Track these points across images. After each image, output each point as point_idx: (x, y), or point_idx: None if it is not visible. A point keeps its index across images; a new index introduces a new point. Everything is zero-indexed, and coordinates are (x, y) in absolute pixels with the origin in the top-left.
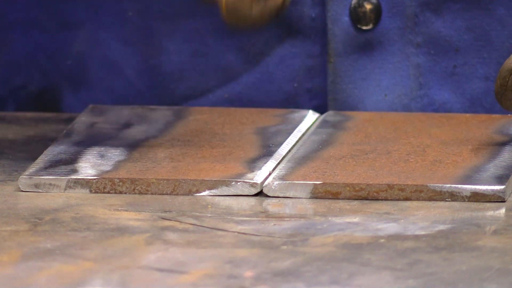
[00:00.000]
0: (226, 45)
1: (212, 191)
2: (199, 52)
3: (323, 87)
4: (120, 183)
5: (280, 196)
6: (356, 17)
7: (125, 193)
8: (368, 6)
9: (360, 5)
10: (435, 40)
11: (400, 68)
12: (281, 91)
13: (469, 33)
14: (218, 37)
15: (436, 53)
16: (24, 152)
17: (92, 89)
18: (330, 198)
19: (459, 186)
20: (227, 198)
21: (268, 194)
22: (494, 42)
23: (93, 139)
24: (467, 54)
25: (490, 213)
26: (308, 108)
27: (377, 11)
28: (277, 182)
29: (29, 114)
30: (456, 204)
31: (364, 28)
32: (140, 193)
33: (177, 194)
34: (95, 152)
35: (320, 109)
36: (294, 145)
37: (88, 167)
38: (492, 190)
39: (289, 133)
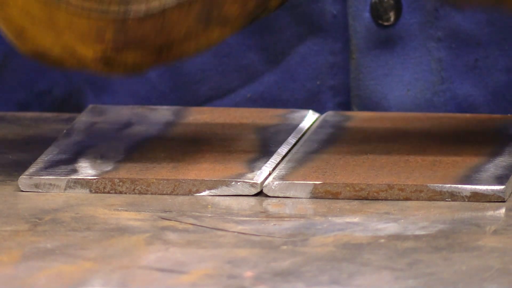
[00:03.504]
0: (247, 45)
1: (212, 191)
2: (221, 52)
3: (346, 83)
4: (120, 183)
5: (280, 196)
6: (377, 12)
7: (125, 193)
8: (388, 2)
9: (380, 0)
10: (456, 34)
11: (421, 63)
12: (304, 89)
13: (490, 26)
14: (240, 37)
15: (457, 47)
16: (24, 152)
17: (115, 92)
18: (330, 198)
19: (459, 186)
20: (227, 198)
21: (268, 194)
22: None
23: (93, 139)
24: (489, 47)
25: (490, 213)
26: (332, 105)
27: (398, 6)
28: (277, 182)
29: (29, 114)
30: (456, 204)
31: (385, 23)
32: (140, 193)
33: (177, 194)
34: (95, 152)
35: (344, 106)
36: (294, 145)
37: (88, 167)
38: (492, 190)
39: (289, 133)
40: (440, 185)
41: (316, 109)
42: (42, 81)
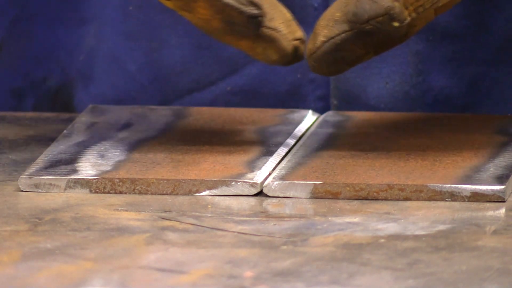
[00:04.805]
0: None
1: (212, 191)
2: (201, 45)
3: (326, 77)
4: (120, 183)
5: (280, 196)
6: None
7: (125, 193)
8: None
9: None
10: (433, 27)
11: (399, 55)
12: (284, 82)
13: (466, 19)
14: None
15: (434, 39)
16: (24, 152)
17: (98, 84)
18: (330, 198)
19: (459, 186)
20: (227, 198)
21: (268, 194)
22: (491, 27)
23: (93, 139)
24: (465, 40)
25: (490, 213)
26: (312, 98)
27: None
28: (277, 182)
29: (29, 114)
30: (456, 204)
31: None
32: (140, 193)
33: (177, 194)
34: (95, 152)
35: (324, 99)
36: (294, 145)
37: (88, 167)
38: (492, 190)
39: (289, 133)
40: (440, 185)
41: (296, 102)
42: (37, 70)
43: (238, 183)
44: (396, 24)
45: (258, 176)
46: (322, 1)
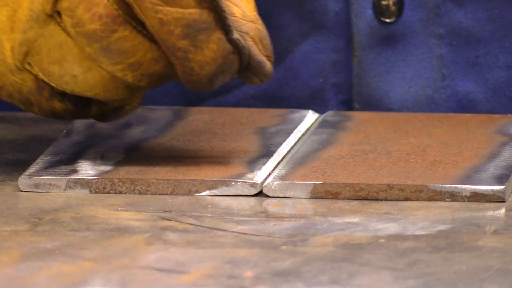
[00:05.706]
0: None
1: (212, 191)
2: None
3: (348, 81)
4: (120, 183)
5: (280, 196)
6: (379, 10)
7: (125, 193)
8: None
9: None
10: (457, 31)
11: (423, 59)
12: (306, 87)
13: (490, 23)
14: None
15: (458, 44)
16: (24, 152)
17: None
18: (330, 198)
19: (459, 186)
20: (227, 198)
21: (268, 194)
22: None
23: (93, 139)
24: (489, 44)
25: (490, 213)
26: (335, 102)
27: (400, 3)
28: (277, 182)
29: (29, 114)
30: (456, 204)
31: (387, 21)
32: (140, 193)
33: (177, 194)
34: (95, 152)
35: (346, 104)
36: (294, 145)
37: (88, 167)
38: (492, 190)
39: (289, 133)
40: (440, 185)
41: (319, 107)
42: None
43: (238, 183)
44: None
45: (258, 176)
46: (344, 6)
